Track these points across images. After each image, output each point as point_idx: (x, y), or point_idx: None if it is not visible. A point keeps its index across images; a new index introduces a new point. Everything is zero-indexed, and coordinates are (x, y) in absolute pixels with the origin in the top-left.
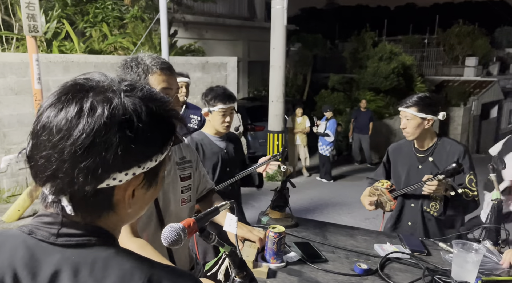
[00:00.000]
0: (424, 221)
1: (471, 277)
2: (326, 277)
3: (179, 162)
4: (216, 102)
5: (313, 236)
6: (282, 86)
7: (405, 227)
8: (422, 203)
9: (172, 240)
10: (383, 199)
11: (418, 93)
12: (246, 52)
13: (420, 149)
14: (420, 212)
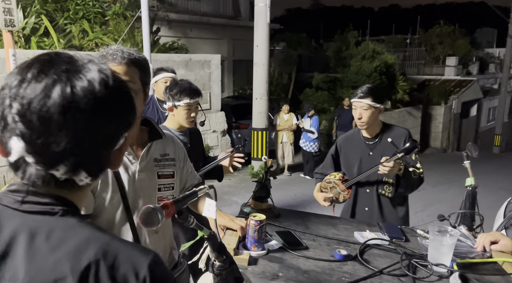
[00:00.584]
0: (380, 204)
1: (447, 260)
2: (307, 263)
3: (159, 158)
4: (182, 97)
5: (294, 226)
6: (266, 83)
7: (362, 212)
8: (377, 187)
9: (149, 220)
10: (336, 191)
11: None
12: (231, 51)
13: (368, 137)
14: (376, 195)
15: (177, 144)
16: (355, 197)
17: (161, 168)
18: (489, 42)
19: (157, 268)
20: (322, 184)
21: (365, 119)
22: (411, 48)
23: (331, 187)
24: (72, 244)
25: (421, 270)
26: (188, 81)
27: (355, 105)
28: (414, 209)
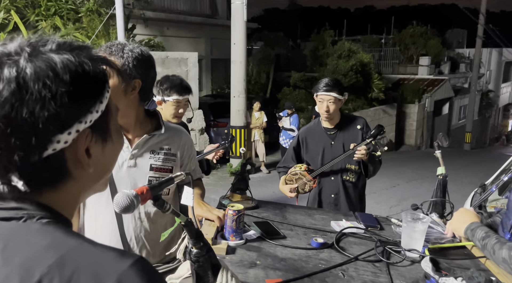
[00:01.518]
0: (345, 189)
1: (419, 245)
2: (284, 252)
3: (156, 151)
4: (172, 93)
5: (272, 216)
6: (244, 81)
7: (329, 199)
8: (341, 174)
9: (124, 206)
10: (302, 182)
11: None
12: (209, 50)
13: (329, 127)
14: (341, 182)
15: (184, 140)
16: (322, 186)
17: (156, 160)
18: (459, 43)
19: (131, 278)
20: (287, 177)
21: (332, 112)
22: (386, 48)
23: (297, 178)
24: (27, 254)
25: (395, 256)
26: (180, 78)
27: (321, 98)
28: (389, 203)
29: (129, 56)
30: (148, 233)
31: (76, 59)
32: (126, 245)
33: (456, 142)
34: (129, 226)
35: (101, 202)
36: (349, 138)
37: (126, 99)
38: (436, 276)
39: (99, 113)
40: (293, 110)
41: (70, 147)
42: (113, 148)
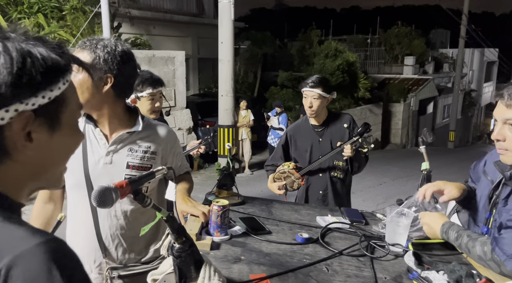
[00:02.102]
0: (333, 186)
1: (402, 240)
2: (269, 247)
3: (135, 149)
4: (144, 87)
5: (258, 212)
6: (232, 80)
7: (317, 196)
8: (329, 170)
9: (102, 200)
10: (291, 180)
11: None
12: (196, 49)
13: (316, 125)
14: (329, 178)
15: (167, 137)
16: (310, 183)
17: (133, 158)
18: (442, 43)
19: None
20: (275, 175)
21: (315, 108)
22: (372, 48)
23: (285, 176)
24: None
25: (379, 251)
26: (148, 72)
27: (306, 94)
28: (376, 201)
29: (101, 51)
30: (124, 230)
31: (28, 47)
32: (101, 243)
33: (440, 141)
34: (105, 224)
35: (79, 199)
36: (336, 135)
37: (99, 94)
38: (418, 269)
39: (46, 100)
40: (282, 109)
41: (9, 125)
42: (64, 141)
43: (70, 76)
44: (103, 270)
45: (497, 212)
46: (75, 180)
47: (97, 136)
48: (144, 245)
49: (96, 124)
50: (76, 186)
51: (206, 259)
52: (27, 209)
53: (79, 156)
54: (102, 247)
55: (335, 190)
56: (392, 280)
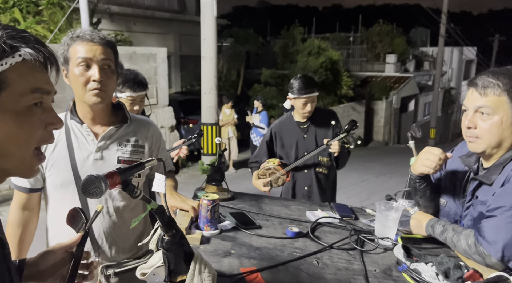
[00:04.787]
0: (318, 182)
1: (392, 233)
2: (259, 241)
3: (124, 143)
4: (125, 89)
5: (248, 207)
6: (215, 77)
7: (302, 192)
8: (314, 166)
9: (91, 189)
10: (276, 176)
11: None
12: (178, 46)
13: (301, 121)
14: (314, 174)
15: (152, 131)
16: (295, 179)
17: (123, 152)
18: (423, 41)
19: None
20: (259, 172)
21: (312, 109)
22: (354, 46)
23: (270, 173)
24: None
25: (369, 244)
26: (134, 72)
27: (306, 100)
28: (359, 197)
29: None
30: (118, 228)
31: None
32: (94, 242)
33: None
34: (97, 221)
35: (65, 197)
36: (321, 131)
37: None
38: (407, 262)
39: None
40: (263, 106)
41: None
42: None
43: (14, 60)
44: (96, 269)
45: (473, 206)
46: (62, 178)
47: (83, 133)
48: (136, 241)
49: (81, 121)
50: (63, 184)
51: (196, 253)
52: (4, 210)
53: (65, 153)
54: (95, 246)
55: (320, 185)
56: (381, 272)
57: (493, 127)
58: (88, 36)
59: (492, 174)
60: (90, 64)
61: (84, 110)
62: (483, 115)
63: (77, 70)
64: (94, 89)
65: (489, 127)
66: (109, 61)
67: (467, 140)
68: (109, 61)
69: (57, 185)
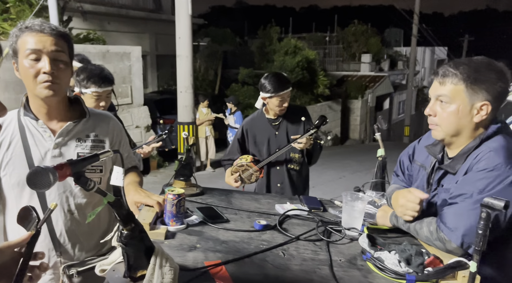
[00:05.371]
0: (290, 178)
1: (358, 224)
2: (226, 235)
3: (83, 138)
4: (90, 84)
5: (217, 202)
6: (191, 76)
7: (276, 188)
8: (286, 163)
9: (37, 181)
10: (249, 173)
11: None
12: (154, 46)
13: (272, 118)
14: (286, 171)
15: (113, 126)
16: (268, 176)
17: (83, 148)
18: (397, 41)
19: None
20: (233, 169)
21: (287, 105)
22: (330, 46)
23: (243, 170)
24: None
25: (335, 235)
26: (100, 67)
27: (282, 97)
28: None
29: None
30: (80, 226)
31: None
32: (56, 241)
33: (396, 135)
34: (58, 220)
35: (23, 197)
36: (292, 128)
37: None
38: (372, 251)
39: None
40: (236, 106)
41: None
42: None
43: None
44: (58, 269)
45: (438, 194)
46: (18, 177)
47: (39, 129)
48: (100, 239)
49: (36, 117)
50: (20, 183)
51: (157, 247)
52: None
53: (21, 151)
54: (56, 245)
55: (293, 181)
56: (347, 261)
57: (450, 116)
58: (37, 27)
59: (457, 163)
60: (40, 55)
61: (38, 105)
62: (442, 104)
63: (27, 62)
64: (45, 81)
65: (446, 116)
66: (62, 53)
67: (430, 127)
68: (61, 53)
69: (14, 184)
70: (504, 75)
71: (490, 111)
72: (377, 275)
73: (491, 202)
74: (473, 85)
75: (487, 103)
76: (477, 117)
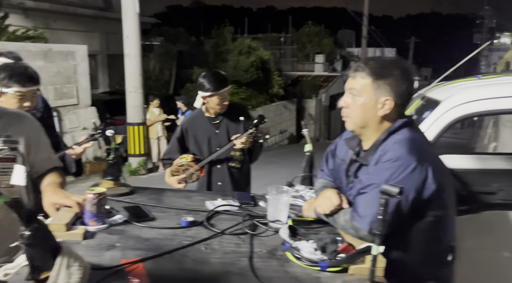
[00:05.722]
0: (232, 176)
1: (283, 216)
2: (150, 232)
3: None
4: (11, 84)
5: (147, 201)
6: (140, 76)
7: (216, 187)
8: (227, 161)
9: None
10: (190, 172)
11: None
12: (104, 45)
13: (212, 117)
14: (227, 169)
15: (28, 125)
16: (208, 174)
17: None
18: (349, 42)
19: None
20: (172, 168)
21: (228, 102)
22: (285, 46)
23: (183, 169)
24: None
25: (262, 228)
26: (24, 66)
27: (222, 95)
28: None
29: None
30: None
31: None
32: None
33: None
34: None
35: None
36: (233, 126)
37: None
38: (291, 241)
39: None
40: (186, 106)
41: None
42: None
43: None
44: None
45: (353, 186)
46: None
47: None
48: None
49: None
50: None
51: (65, 246)
52: None
53: None
54: None
55: (234, 179)
56: (267, 253)
57: (358, 108)
58: None
59: (368, 155)
60: None
61: None
62: (353, 97)
63: None
64: None
65: (355, 108)
66: None
67: (343, 119)
68: None
69: None
70: (409, 74)
71: (393, 106)
72: (294, 263)
73: (388, 189)
74: (378, 80)
75: (390, 98)
76: (381, 111)
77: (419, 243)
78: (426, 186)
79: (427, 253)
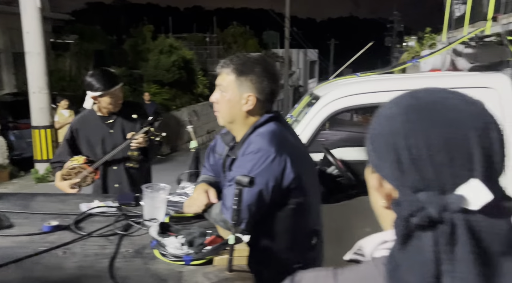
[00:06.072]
0: (130, 177)
1: (160, 214)
2: (2, 241)
3: None
4: None
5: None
6: (45, 75)
7: (114, 189)
8: (124, 162)
9: None
10: (83, 175)
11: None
12: (9, 42)
13: (105, 116)
14: (124, 170)
15: None
16: (104, 176)
17: None
18: (274, 44)
19: None
20: (63, 172)
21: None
22: (211, 46)
23: (76, 172)
24: None
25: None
26: None
27: (114, 94)
28: None
29: None
30: None
31: None
32: None
33: None
34: None
35: None
36: (128, 125)
37: None
38: (159, 238)
39: None
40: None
41: None
42: None
43: None
44: None
45: None
46: None
47: None
48: None
49: None
50: None
51: None
52: None
53: None
54: None
55: (133, 181)
56: (134, 252)
57: (225, 104)
58: None
59: (237, 149)
60: None
61: None
62: (221, 93)
63: None
64: None
65: (223, 103)
66: None
67: (215, 114)
68: None
69: None
70: (270, 71)
71: (256, 102)
72: (159, 260)
73: (240, 179)
74: (241, 77)
75: (252, 95)
76: (245, 106)
77: (284, 230)
78: (285, 175)
79: (292, 238)
